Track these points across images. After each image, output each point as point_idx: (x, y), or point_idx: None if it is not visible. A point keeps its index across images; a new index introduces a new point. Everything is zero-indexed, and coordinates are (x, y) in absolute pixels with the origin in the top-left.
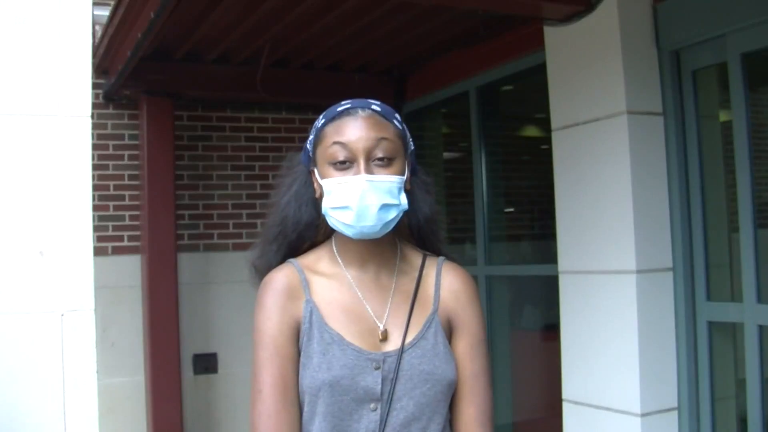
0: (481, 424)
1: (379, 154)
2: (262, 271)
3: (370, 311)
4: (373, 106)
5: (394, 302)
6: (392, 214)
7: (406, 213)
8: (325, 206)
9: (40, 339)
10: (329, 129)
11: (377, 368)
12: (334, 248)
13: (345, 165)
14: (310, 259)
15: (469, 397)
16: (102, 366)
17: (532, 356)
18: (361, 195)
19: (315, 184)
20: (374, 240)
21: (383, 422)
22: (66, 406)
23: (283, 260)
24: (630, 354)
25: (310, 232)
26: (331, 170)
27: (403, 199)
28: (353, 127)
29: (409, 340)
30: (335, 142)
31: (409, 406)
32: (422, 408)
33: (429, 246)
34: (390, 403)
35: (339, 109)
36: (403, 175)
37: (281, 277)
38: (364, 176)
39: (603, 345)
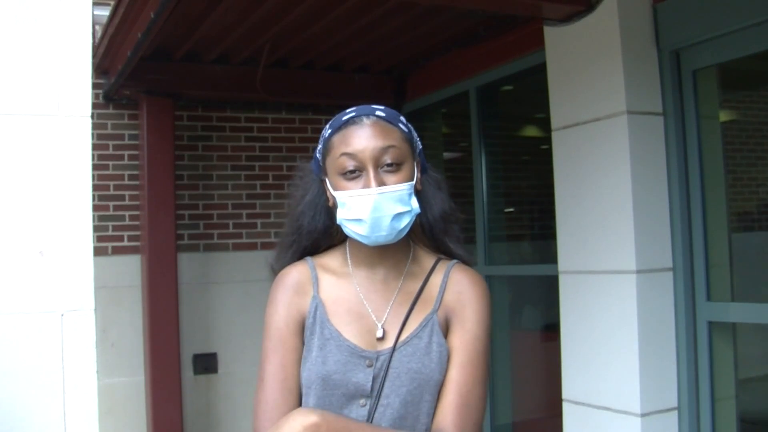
0: (454, 408)
1: (388, 161)
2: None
3: (371, 311)
4: (378, 112)
5: (396, 302)
6: (405, 221)
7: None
8: (340, 218)
9: (40, 339)
10: (336, 139)
11: (370, 365)
12: (347, 250)
13: (355, 174)
14: (325, 258)
15: (448, 386)
16: (102, 366)
17: (532, 356)
18: (373, 208)
19: (327, 193)
20: (386, 244)
21: (371, 418)
22: (66, 406)
23: None
24: (630, 354)
25: (325, 239)
26: (342, 181)
27: (414, 203)
28: (359, 136)
29: (402, 338)
30: (343, 153)
31: (395, 404)
32: (407, 406)
33: (442, 246)
34: (378, 400)
35: (344, 117)
36: (412, 179)
37: (293, 273)
38: (375, 189)
39: (603, 345)
